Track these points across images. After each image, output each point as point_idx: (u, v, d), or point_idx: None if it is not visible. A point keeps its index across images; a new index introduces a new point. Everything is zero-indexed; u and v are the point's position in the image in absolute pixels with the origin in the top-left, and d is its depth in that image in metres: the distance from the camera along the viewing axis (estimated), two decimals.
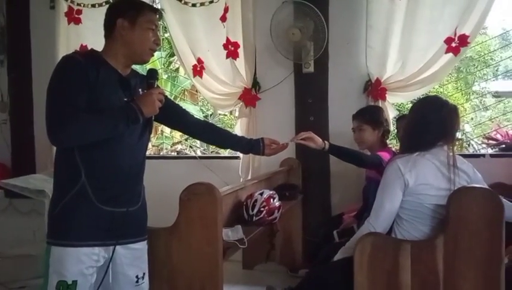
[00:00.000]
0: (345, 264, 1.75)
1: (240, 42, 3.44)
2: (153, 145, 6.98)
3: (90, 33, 3.91)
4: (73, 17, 3.92)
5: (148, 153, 6.12)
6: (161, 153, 5.61)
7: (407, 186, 1.75)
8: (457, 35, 3.03)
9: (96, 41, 3.84)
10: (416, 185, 1.75)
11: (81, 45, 3.91)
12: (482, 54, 7.54)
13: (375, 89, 3.23)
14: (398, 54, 3.19)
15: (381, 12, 3.17)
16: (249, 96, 3.49)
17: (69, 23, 3.93)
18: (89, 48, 3.85)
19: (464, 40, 3.03)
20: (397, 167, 1.78)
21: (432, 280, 1.61)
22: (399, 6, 3.10)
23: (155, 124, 1.84)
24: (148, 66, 2.72)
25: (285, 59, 3.36)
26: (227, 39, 3.46)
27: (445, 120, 1.81)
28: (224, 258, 1.89)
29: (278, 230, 2.48)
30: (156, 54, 7.21)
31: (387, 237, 1.69)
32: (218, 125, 2.36)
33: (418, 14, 3.09)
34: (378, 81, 3.23)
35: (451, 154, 1.79)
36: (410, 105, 6.31)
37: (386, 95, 3.22)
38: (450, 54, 3.07)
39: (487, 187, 1.59)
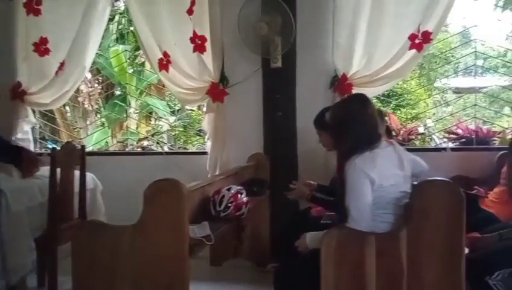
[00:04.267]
0: (313, 257, 1.76)
1: (207, 36, 3.39)
2: (118, 141, 6.83)
3: (51, 25, 3.76)
4: (33, 8, 3.75)
5: (112, 149, 6.03)
6: (126, 149, 5.48)
7: (373, 183, 1.79)
8: (421, 31, 3.10)
9: (57, 34, 3.76)
10: (381, 179, 1.79)
11: (41, 37, 3.76)
12: (444, 51, 7.78)
13: (341, 84, 3.26)
14: (364, 50, 3.23)
15: (347, 7, 3.19)
16: (217, 91, 3.45)
17: (27, 14, 3.76)
18: (50, 40, 3.77)
19: (427, 37, 3.11)
20: (359, 168, 1.80)
21: (396, 271, 1.64)
22: (365, 2, 3.14)
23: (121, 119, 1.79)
24: None
25: (253, 54, 3.34)
26: (194, 33, 3.40)
27: (374, 115, 1.96)
28: (191, 255, 1.86)
29: (246, 226, 2.47)
30: (121, 47, 7.08)
31: (353, 230, 1.71)
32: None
33: (384, 10, 3.14)
34: (344, 76, 3.26)
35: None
36: (375, 100, 6.42)
37: (352, 90, 3.25)
38: (414, 50, 3.14)
39: (448, 180, 1.63)
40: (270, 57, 3.31)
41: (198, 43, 3.40)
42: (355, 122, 1.92)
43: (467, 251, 1.63)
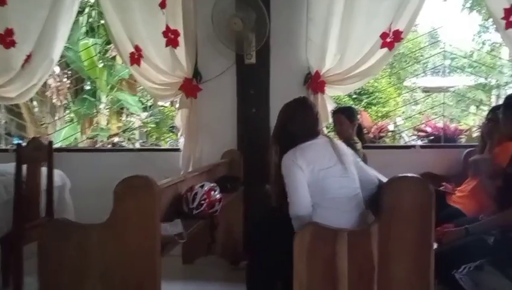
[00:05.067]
0: (285, 254, 1.78)
1: (181, 30, 3.33)
2: (87, 138, 6.66)
3: (17, 16, 3.61)
4: None
5: (82, 145, 5.89)
6: (96, 146, 5.35)
7: (302, 168, 1.94)
8: (392, 30, 3.15)
9: (23, 25, 3.61)
10: (310, 164, 1.94)
11: (6, 28, 3.60)
12: (413, 50, 7.98)
13: (314, 81, 3.28)
14: (337, 48, 3.26)
15: (321, 5, 3.21)
16: (190, 87, 3.40)
17: None
18: (16, 32, 3.61)
19: (398, 36, 3.16)
20: (289, 158, 1.99)
21: (367, 267, 1.66)
22: (338, 0, 3.16)
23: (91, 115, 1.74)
24: None
25: (227, 49, 3.31)
26: (167, 27, 3.34)
27: (313, 114, 2.15)
28: (162, 253, 1.83)
29: (219, 223, 2.44)
30: (91, 40, 6.90)
31: (326, 226, 1.72)
32: None
33: (356, 9, 3.17)
34: (317, 73, 3.28)
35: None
36: (347, 98, 6.48)
37: (325, 87, 3.29)
38: (385, 49, 3.20)
39: (419, 176, 1.66)
40: (244, 53, 3.29)
41: (171, 38, 3.34)
42: (292, 123, 2.13)
43: (435, 245, 1.66)
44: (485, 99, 7.37)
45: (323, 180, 1.95)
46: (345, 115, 3.12)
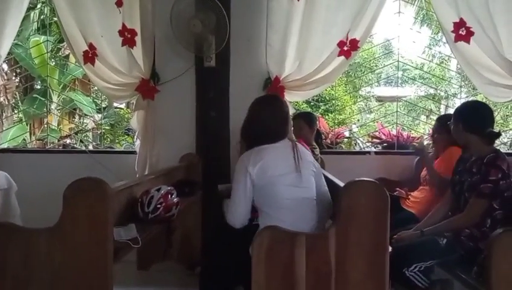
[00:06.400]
0: (239, 258, 1.77)
1: (138, 30, 3.25)
2: (37, 139, 6.34)
3: None
4: None
5: (30, 146, 5.57)
6: (46, 148, 5.10)
7: (251, 175, 1.92)
8: (349, 39, 3.23)
9: None
10: (264, 170, 1.90)
11: None
12: (368, 60, 8.25)
13: (274, 86, 3.30)
14: (296, 54, 3.29)
15: (280, 11, 3.24)
16: (147, 88, 3.32)
17: None
18: None
19: (354, 45, 3.25)
20: (242, 161, 1.98)
21: (324, 271, 1.67)
22: (297, 7, 3.20)
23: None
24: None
25: (186, 51, 3.26)
26: (124, 25, 3.25)
27: (282, 115, 2.08)
28: (115, 259, 1.76)
29: (176, 227, 2.39)
30: (43, 37, 6.59)
31: (284, 230, 1.72)
32: None
33: (314, 17, 3.22)
34: (277, 79, 3.30)
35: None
36: (305, 104, 6.58)
37: (284, 93, 3.31)
38: (342, 57, 3.27)
39: (374, 180, 1.70)
40: (203, 55, 3.25)
41: (127, 37, 3.25)
42: (256, 122, 2.08)
43: (390, 248, 1.70)
44: (434, 109, 7.73)
45: (271, 187, 1.92)
46: (305, 121, 3.17)
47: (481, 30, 3.14)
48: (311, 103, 7.17)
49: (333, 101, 7.72)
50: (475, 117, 2.27)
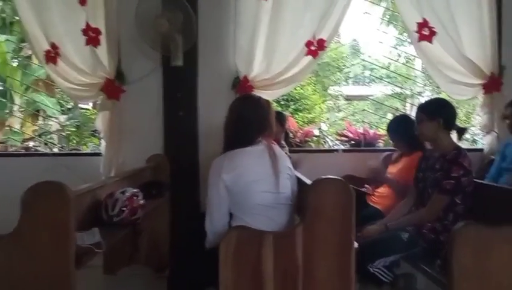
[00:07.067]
0: (206, 260, 1.74)
1: (102, 29, 3.17)
2: None
3: None
4: None
5: None
6: (8, 150, 4.91)
7: (225, 182, 1.85)
8: (316, 39, 3.26)
9: None
10: (238, 176, 1.85)
11: None
12: (336, 60, 8.36)
13: (243, 86, 3.30)
14: (264, 54, 3.30)
15: (248, 11, 3.24)
16: (112, 88, 3.25)
17: None
18: None
19: (321, 44, 3.29)
20: (215, 166, 1.89)
21: (292, 268, 1.67)
22: (265, 7, 3.21)
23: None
24: None
25: (152, 50, 3.20)
26: (87, 24, 3.16)
27: (262, 117, 1.97)
28: (79, 265, 1.70)
29: (143, 230, 2.34)
30: (3, 37, 6.33)
31: (252, 229, 1.71)
32: None
33: (282, 17, 3.24)
34: (245, 78, 3.30)
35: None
36: (275, 104, 6.60)
37: (253, 92, 3.30)
38: (310, 57, 3.30)
39: (339, 178, 1.71)
40: (170, 54, 3.20)
41: (91, 36, 3.17)
42: (233, 124, 1.98)
43: (356, 245, 1.72)
44: (400, 107, 7.91)
45: (246, 193, 1.86)
46: (277, 120, 3.16)
47: (443, 30, 3.24)
48: (282, 102, 7.20)
49: (303, 100, 7.77)
50: (453, 114, 2.36)
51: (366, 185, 3.08)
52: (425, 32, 3.27)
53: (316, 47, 3.29)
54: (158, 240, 3.13)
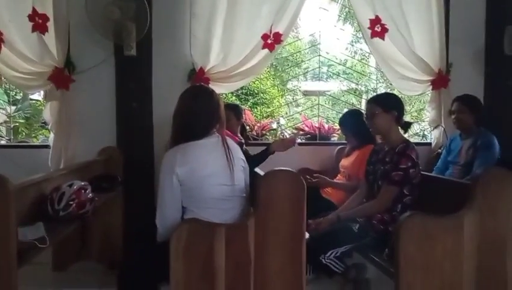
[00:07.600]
0: (156, 254, 1.71)
1: (50, 15, 3.03)
2: None
3: None
4: None
5: None
6: None
7: (178, 176, 1.79)
8: (273, 32, 3.27)
9: None
10: (191, 170, 1.80)
11: None
12: (294, 54, 8.44)
13: (198, 78, 3.25)
14: (221, 46, 3.27)
15: (204, 2, 3.20)
16: (61, 78, 3.11)
17: None
18: None
19: (278, 38, 3.30)
20: (167, 161, 1.82)
21: (244, 261, 1.67)
22: None
23: None
24: None
25: (104, 39, 3.09)
26: (34, 10, 3.01)
27: (214, 108, 1.91)
28: (22, 261, 1.62)
29: (92, 225, 2.26)
30: None
31: (204, 221, 1.69)
32: None
33: (238, 9, 3.22)
34: (201, 70, 3.26)
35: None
36: (234, 97, 6.58)
37: (209, 84, 3.27)
38: (266, 50, 3.31)
39: (291, 170, 1.72)
40: (123, 43, 3.10)
41: (38, 22, 3.02)
42: (183, 115, 1.90)
43: (307, 236, 1.75)
44: (356, 103, 8.11)
45: (200, 188, 1.82)
46: (233, 113, 3.15)
47: (395, 27, 3.34)
48: (240, 96, 7.20)
49: (261, 94, 7.80)
50: (403, 108, 2.45)
51: (316, 175, 3.08)
52: (377, 29, 3.35)
53: (272, 40, 3.29)
54: (111, 236, 3.05)
